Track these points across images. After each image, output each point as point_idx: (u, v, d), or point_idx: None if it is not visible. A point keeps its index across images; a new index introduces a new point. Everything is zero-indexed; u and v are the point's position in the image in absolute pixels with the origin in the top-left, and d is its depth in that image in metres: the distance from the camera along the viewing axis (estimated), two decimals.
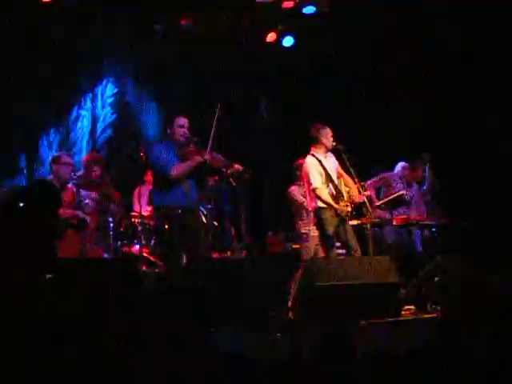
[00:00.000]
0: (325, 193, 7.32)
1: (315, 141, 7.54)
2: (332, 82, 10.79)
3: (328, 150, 7.53)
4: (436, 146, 9.55)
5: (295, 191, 8.24)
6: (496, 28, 9.14)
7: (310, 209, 7.68)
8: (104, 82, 10.54)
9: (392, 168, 9.21)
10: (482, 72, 9.53)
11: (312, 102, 10.72)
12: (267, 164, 10.97)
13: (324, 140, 7.48)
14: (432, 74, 10.03)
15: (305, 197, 7.90)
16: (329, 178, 7.39)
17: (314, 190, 7.36)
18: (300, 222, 8.26)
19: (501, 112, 9.35)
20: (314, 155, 7.50)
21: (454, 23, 9.59)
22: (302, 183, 7.99)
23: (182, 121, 6.93)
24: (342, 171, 7.57)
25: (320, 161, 7.43)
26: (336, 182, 7.42)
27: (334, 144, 7.51)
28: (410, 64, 10.16)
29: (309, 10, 10.39)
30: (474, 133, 9.58)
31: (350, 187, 7.46)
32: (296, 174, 8.23)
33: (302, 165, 7.74)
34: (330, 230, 7.29)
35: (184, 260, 6.77)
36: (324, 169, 7.39)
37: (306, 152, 7.68)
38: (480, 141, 9.48)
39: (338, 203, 7.27)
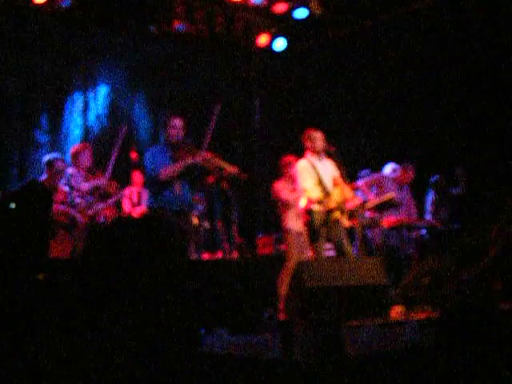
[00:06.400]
0: (314, 193, 7.38)
1: (307, 146, 7.65)
2: (325, 84, 10.86)
3: (320, 154, 7.59)
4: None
5: (281, 187, 8.13)
6: None
7: (299, 208, 7.73)
8: (97, 82, 10.52)
9: (381, 170, 9.19)
10: None
11: (304, 103, 10.80)
12: (259, 164, 11.00)
13: (313, 144, 7.59)
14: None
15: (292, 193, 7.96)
16: (320, 181, 7.45)
17: (303, 191, 7.43)
18: (284, 218, 8.10)
19: None
20: (307, 158, 7.60)
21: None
22: (288, 179, 8.04)
23: (176, 122, 6.81)
24: (340, 180, 7.63)
25: (313, 164, 7.54)
26: (327, 186, 7.48)
27: (324, 147, 7.57)
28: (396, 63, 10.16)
29: (301, 13, 10.40)
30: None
31: (346, 196, 7.53)
32: (283, 171, 8.18)
33: (289, 162, 7.94)
34: (320, 230, 7.34)
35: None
36: (316, 172, 7.48)
37: (297, 151, 7.82)
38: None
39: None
